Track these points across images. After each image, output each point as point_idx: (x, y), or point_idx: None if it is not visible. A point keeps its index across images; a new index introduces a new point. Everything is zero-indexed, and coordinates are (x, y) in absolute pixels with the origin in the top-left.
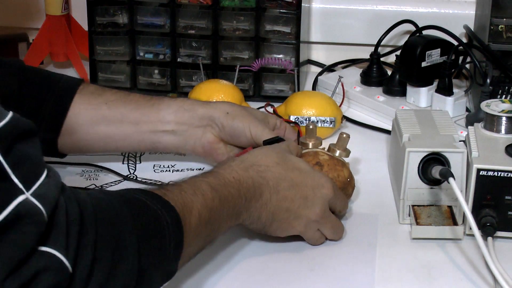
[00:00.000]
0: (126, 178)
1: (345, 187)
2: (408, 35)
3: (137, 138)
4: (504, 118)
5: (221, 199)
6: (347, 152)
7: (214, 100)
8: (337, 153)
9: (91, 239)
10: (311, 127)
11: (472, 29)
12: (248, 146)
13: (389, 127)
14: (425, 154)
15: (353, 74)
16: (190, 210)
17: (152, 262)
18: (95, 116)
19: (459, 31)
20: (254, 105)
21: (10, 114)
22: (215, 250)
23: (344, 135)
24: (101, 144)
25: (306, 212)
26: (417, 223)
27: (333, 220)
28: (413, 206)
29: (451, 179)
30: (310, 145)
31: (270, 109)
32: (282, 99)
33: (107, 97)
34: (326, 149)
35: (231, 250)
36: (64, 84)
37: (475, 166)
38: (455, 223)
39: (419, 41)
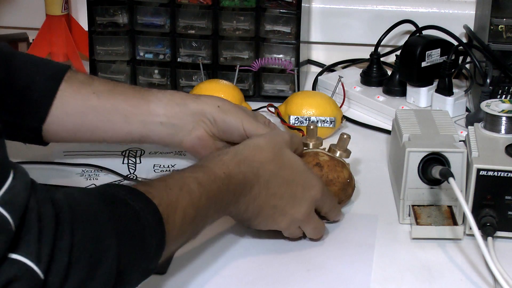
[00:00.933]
0: (126, 178)
1: (345, 188)
2: (408, 35)
3: (125, 129)
4: (504, 118)
5: (209, 196)
6: (348, 153)
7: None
8: (338, 153)
9: (67, 242)
10: (311, 127)
11: (472, 29)
12: (240, 142)
13: (389, 127)
14: (425, 154)
15: (353, 74)
16: (175, 209)
17: (132, 263)
18: (83, 106)
19: (459, 31)
20: (254, 105)
21: None
22: (210, 250)
23: (345, 136)
24: (88, 134)
25: (292, 210)
26: (417, 223)
27: (316, 221)
28: (413, 206)
29: (451, 179)
30: (311, 146)
31: (272, 109)
32: (282, 99)
33: (95, 87)
34: (326, 150)
35: (226, 250)
36: (50, 71)
37: (475, 166)
38: (455, 223)
39: (419, 41)
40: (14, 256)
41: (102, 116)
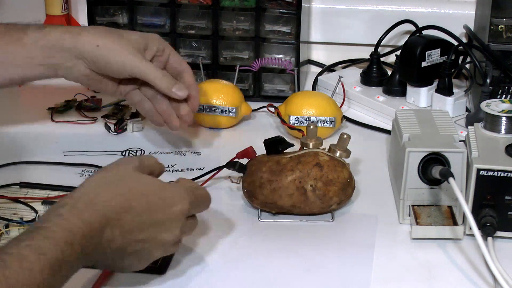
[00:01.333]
0: None
1: (345, 187)
2: (408, 35)
3: (4, 76)
4: (504, 118)
5: (52, 263)
6: (348, 153)
7: (214, 101)
8: (338, 153)
9: None
10: (311, 127)
11: (472, 29)
12: (123, 77)
13: (389, 127)
14: (425, 154)
15: (353, 74)
16: None
17: None
18: None
19: (459, 31)
20: (254, 105)
21: None
22: (209, 250)
23: (345, 136)
24: None
25: (162, 236)
26: (417, 223)
27: (189, 227)
28: (413, 206)
29: (451, 179)
30: (311, 146)
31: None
32: (282, 99)
33: None
34: (326, 150)
35: (226, 250)
36: None
37: (475, 166)
38: (455, 223)
39: (419, 41)
40: None
41: None
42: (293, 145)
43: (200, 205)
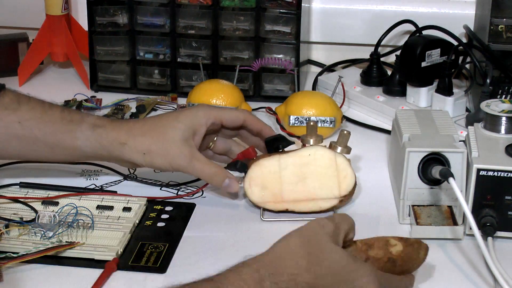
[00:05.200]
0: (126, 177)
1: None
2: (408, 35)
3: (51, 157)
4: (504, 118)
5: None
6: (348, 149)
7: (214, 101)
8: (339, 149)
9: None
10: (311, 124)
11: (472, 29)
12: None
13: (389, 127)
14: (425, 154)
15: (353, 74)
16: None
17: None
18: (7, 134)
19: (459, 31)
20: (254, 105)
21: None
22: (210, 249)
23: (345, 132)
24: (14, 157)
25: None
26: (417, 223)
27: None
28: (413, 206)
29: (451, 179)
30: (311, 142)
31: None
32: (282, 99)
33: (22, 114)
34: (327, 146)
35: (226, 250)
36: None
37: (475, 166)
38: (455, 223)
39: (419, 41)
40: None
41: (27, 145)
42: (293, 143)
43: None
